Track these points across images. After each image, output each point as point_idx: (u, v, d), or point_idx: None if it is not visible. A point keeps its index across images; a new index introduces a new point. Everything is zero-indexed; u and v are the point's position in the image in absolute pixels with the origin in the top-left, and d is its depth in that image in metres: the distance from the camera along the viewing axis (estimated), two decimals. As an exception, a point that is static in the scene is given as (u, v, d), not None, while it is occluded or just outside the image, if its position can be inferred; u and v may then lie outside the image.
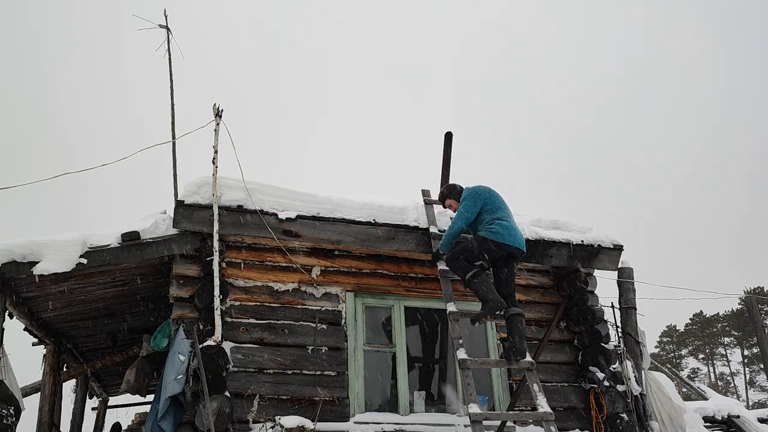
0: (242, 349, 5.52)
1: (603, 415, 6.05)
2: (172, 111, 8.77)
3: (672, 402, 6.30)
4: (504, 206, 5.65)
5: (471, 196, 5.63)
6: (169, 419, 5.03)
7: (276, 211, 5.74)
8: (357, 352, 5.87)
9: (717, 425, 9.18)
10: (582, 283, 6.62)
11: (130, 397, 9.33)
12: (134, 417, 10.55)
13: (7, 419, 5.23)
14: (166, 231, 5.70)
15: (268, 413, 5.35)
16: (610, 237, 6.73)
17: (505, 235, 5.36)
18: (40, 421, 7.90)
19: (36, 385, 8.54)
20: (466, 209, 5.57)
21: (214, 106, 6.16)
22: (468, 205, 5.58)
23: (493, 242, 5.34)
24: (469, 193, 5.70)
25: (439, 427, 5.70)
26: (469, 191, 5.72)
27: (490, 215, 5.51)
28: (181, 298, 5.58)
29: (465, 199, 5.66)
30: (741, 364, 52.83)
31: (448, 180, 6.86)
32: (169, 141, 8.03)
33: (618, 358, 6.40)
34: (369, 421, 5.56)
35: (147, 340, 7.24)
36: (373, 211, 6.03)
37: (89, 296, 6.61)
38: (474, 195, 5.63)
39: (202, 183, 5.73)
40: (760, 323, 12.23)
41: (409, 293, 6.24)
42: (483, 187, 5.72)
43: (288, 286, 5.87)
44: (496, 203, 5.61)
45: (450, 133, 6.85)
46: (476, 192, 5.66)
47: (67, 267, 5.31)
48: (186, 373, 5.09)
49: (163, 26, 8.96)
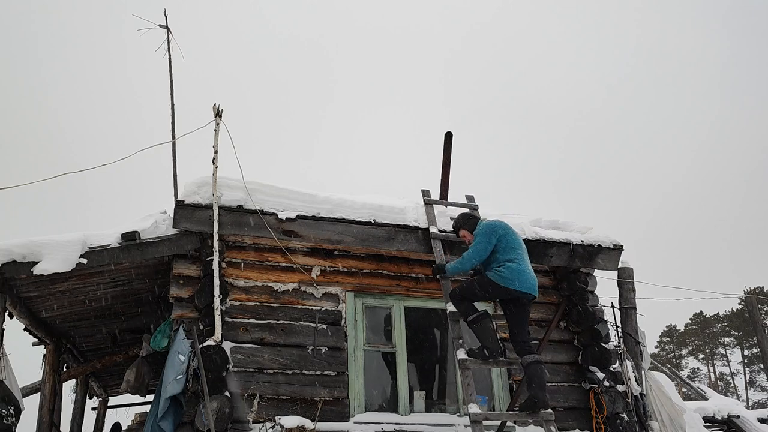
0: (242, 349, 5.52)
1: (603, 415, 6.05)
2: (172, 111, 8.78)
3: (672, 402, 6.30)
4: (518, 246, 5.33)
5: (485, 233, 5.30)
6: (169, 419, 5.04)
7: (276, 211, 5.74)
8: (357, 352, 5.87)
9: (717, 425, 9.19)
10: (582, 283, 6.62)
11: (130, 397, 9.34)
12: (134, 417, 10.55)
13: (7, 419, 5.23)
14: (166, 231, 5.70)
15: (268, 413, 5.35)
16: (610, 237, 6.73)
17: (512, 280, 5.08)
18: (40, 421, 7.91)
19: (36, 385, 8.55)
20: (479, 248, 5.25)
21: (214, 106, 6.16)
22: (482, 242, 5.26)
23: (500, 286, 5.10)
24: (484, 229, 5.36)
25: (439, 427, 5.70)
26: (485, 227, 5.37)
27: (502, 255, 5.21)
28: (181, 298, 5.58)
29: (479, 235, 5.33)
30: (741, 364, 52.85)
31: (448, 180, 6.86)
32: (169, 141, 8.03)
33: (618, 358, 6.40)
34: (369, 421, 5.56)
35: (147, 340, 7.23)
36: (373, 211, 6.03)
37: (89, 296, 6.61)
38: (489, 232, 5.29)
39: (202, 183, 5.73)
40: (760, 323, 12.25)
41: (409, 293, 6.24)
42: (499, 224, 5.40)
43: (288, 286, 5.87)
44: (510, 242, 5.28)
45: (450, 133, 6.84)
46: (492, 229, 5.32)
47: (67, 267, 5.31)
48: (186, 373, 5.09)
49: (163, 26, 8.97)
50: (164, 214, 5.99)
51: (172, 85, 9.00)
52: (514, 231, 5.45)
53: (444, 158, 6.89)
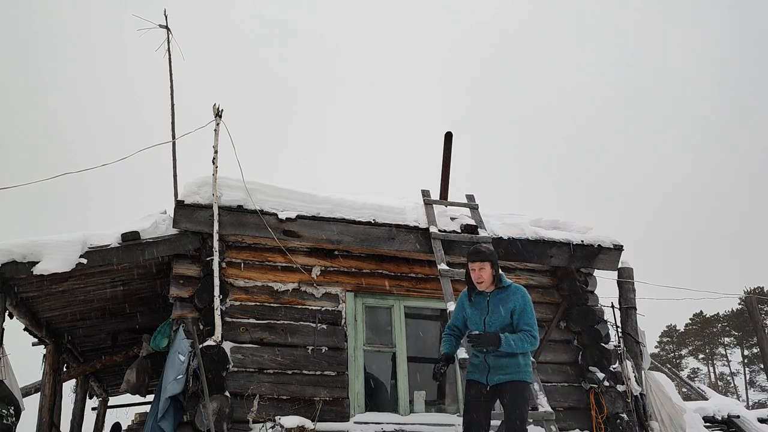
0: (242, 349, 5.52)
1: (603, 415, 6.06)
2: (172, 111, 8.78)
3: (672, 402, 6.30)
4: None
5: (531, 305, 4.29)
6: (169, 419, 5.04)
7: (276, 211, 5.75)
8: (357, 352, 5.87)
9: (717, 425, 9.18)
10: (582, 283, 6.62)
11: (130, 397, 9.33)
12: (134, 417, 10.55)
13: (7, 419, 5.23)
14: (166, 231, 5.71)
15: (268, 413, 5.35)
16: (610, 237, 6.73)
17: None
18: (40, 421, 7.91)
19: (36, 385, 8.55)
20: (534, 327, 4.19)
21: (214, 106, 6.16)
22: (533, 319, 4.24)
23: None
24: (529, 299, 4.30)
25: (439, 427, 5.69)
26: (528, 297, 4.31)
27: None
28: (181, 298, 5.58)
29: (531, 305, 4.27)
30: (741, 364, 52.83)
31: (448, 180, 6.86)
32: (169, 141, 8.03)
33: (618, 358, 6.40)
34: (369, 421, 5.56)
35: (147, 340, 7.23)
36: (373, 211, 6.03)
37: (89, 296, 6.61)
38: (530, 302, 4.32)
39: (202, 183, 5.74)
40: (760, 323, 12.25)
41: (409, 293, 6.24)
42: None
43: (288, 286, 5.87)
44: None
45: (450, 133, 6.85)
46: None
47: (67, 267, 5.32)
48: (186, 373, 5.10)
49: (163, 26, 8.96)
50: (164, 214, 5.99)
51: (172, 85, 9.00)
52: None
53: (444, 158, 6.90)
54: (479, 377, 4.25)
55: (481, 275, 4.24)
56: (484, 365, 4.22)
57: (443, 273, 5.79)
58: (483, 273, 4.24)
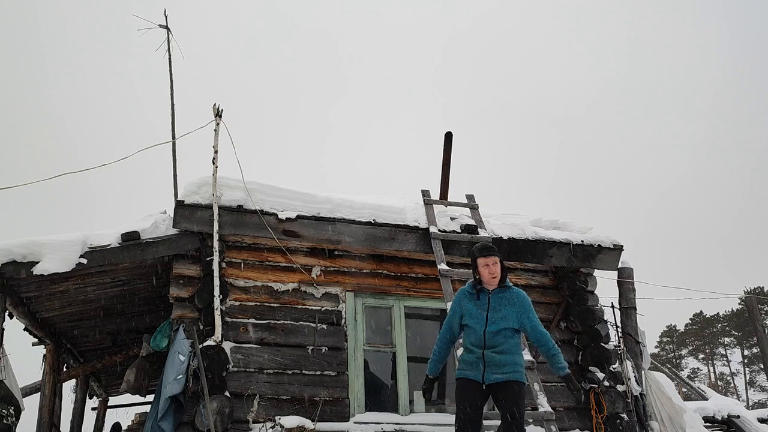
0: (242, 349, 5.52)
1: (603, 415, 6.05)
2: (172, 111, 8.79)
3: (672, 402, 6.29)
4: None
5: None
6: (169, 419, 5.04)
7: (276, 211, 5.75)
8: (357, 352, 5.87)
9: (717, 425, 9.17)
10: (582, 283, 6.62)
11: (130, 397, 9.33)
12: (134, 417, 10.55)
13: (7, 419, 5.23)
14: (166, 231, 5.71)
15: (268, 413, 5.35)
16: (610, 237, 6.73)
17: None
18: (40, 421, 7.90)
19: (36, 385, 8.54)
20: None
21: (213, 106, 6.16)
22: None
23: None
24: (530, 302, 4.42)
25: (439, 427, 5.69)
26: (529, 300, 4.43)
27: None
28: (181, 298, 5.58)
29: (533, 311, 4.38)
30: (741, 364, 52.83)
31: (448, 180, 6.86)
32: (169, 141, 8.04)
33: (618, 358, 6.40)
34: (369, 421, 5.56)
35: (147, 340, 7.22)
36: (373, 211, 6.03)
37: (89, 296, 6.61)
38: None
39: (202, 183, 5.74)
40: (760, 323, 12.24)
41: (409, 293, 6.24)
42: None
43: (288, 286, 5.87)
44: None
45: (450, 133, 6.85)
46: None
47: (67, 267, 5.31)
48: (186, 373, 5.09)
49: (163, 26, 8.97)
50: (164, 214, 5.99)
51: (172, 85, 9.02)
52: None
53: (444, 158, 6.90)
54: (474, 375, 4.19)
55: (495, 270, 4.25)
56: (479, 362, 4.18)
57: (443, 273, 5.79)
58: (496, 268, 4.26)
